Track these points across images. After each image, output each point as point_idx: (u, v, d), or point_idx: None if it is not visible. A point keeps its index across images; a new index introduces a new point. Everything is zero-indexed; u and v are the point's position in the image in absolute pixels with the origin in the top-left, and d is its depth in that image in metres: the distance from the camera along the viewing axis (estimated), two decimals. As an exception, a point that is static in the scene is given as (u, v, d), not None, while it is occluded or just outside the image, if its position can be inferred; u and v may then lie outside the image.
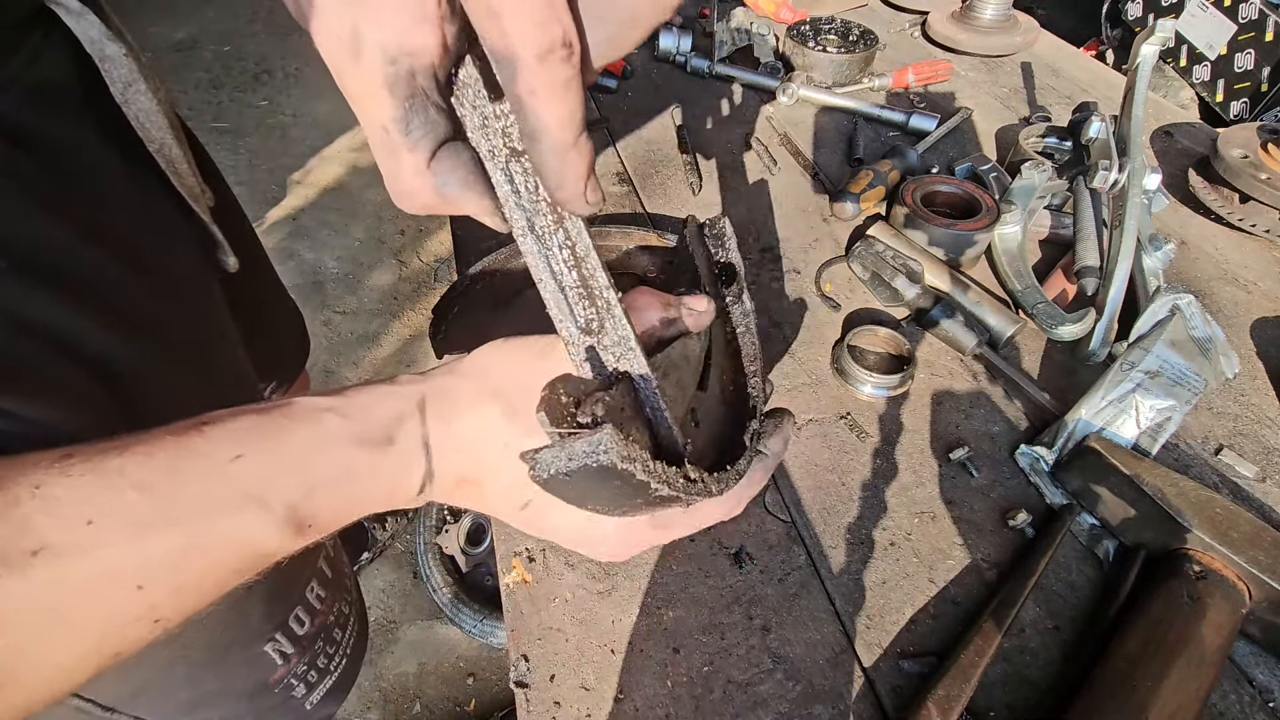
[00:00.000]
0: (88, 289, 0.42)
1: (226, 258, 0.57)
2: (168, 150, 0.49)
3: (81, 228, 0.43)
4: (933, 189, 0.75)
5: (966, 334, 0.63)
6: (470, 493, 0.33)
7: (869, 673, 0.45)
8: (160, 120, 0.48)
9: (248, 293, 0.64)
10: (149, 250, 0.49)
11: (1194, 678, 0.41)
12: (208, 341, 0.56)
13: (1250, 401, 0.62)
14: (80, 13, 0.43)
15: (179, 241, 0.53)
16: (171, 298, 0.51)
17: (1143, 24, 2.03)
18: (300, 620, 0.60)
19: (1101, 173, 0.68)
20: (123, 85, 0.46)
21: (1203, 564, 0.46)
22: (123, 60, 0.45)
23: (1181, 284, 0.73)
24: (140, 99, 0.47)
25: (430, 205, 0.29)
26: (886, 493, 0.54)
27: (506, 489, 0.33)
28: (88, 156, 0.45)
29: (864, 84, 1.01)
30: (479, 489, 0.33)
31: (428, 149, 0.27)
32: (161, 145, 0.49)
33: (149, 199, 0.50)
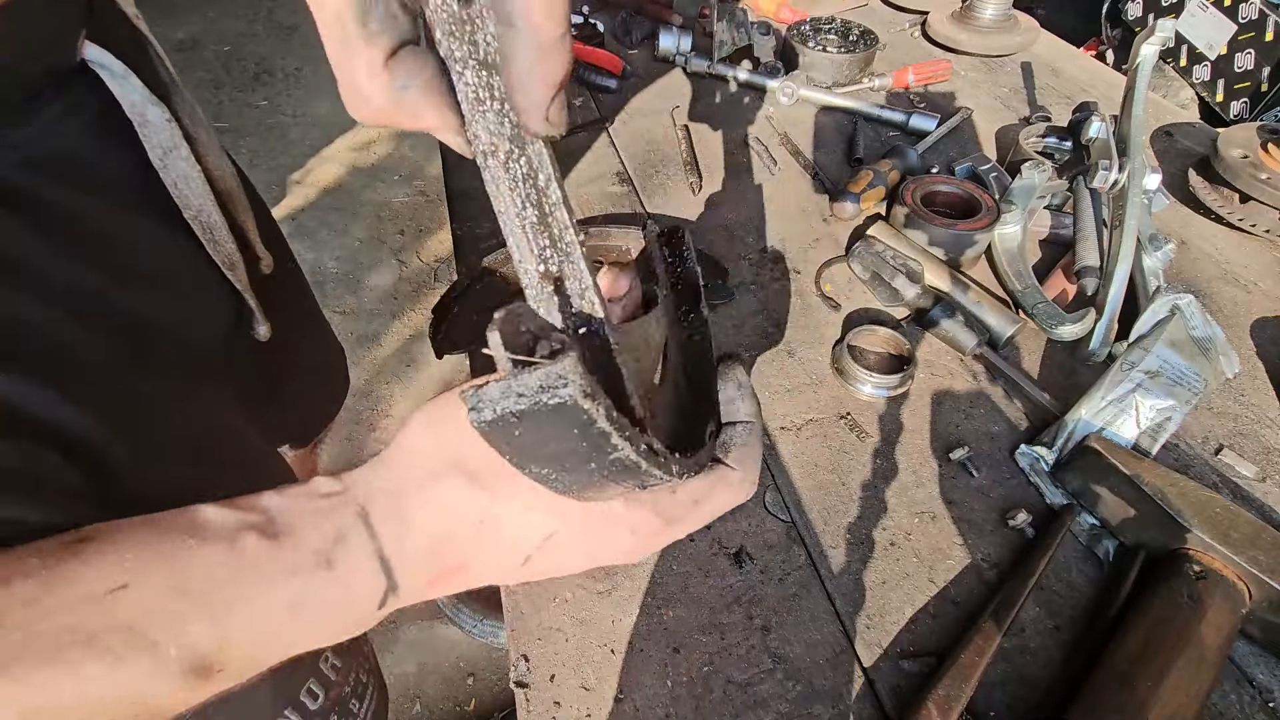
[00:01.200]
0: (73, 371, 0.39)
1: (259, 327, 0.55)
2: (205, 217, 0.47)
3: (82, 308, 0.40)
4: (933, 189, 0.75)
5: (966, 334, 0.63)
6: (451, 581, 0.30)
7: (869, 673, 0.45)
8: (200, 186, 0.46)
9: (292, 351, 0.60)
10: (163, 323, 0.46)
11: (1194, 678, 0.41)
12: (212, 424, 0.51)
13: (1250, 401, 0.62)
14: (123, 75, 0.41)
15: (205, 310, 0.50)
16: (179, 378, 0.47)
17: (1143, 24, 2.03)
18: (313, 694, 0.56)
19: (1101, 173, 0.68)
20: (161, 151, 0.44)
21: (1203, 564, 0.46)
22: (164, 125, 0.43)
23: (1181, 284, 0.73)
24: (180, 165, 0.44)
25: (386, 113, 0.26)
26: (886, 493, 0.54)
27: (499, 558, 0.29)
28: (105, 229, 0.42)
29: (864, 84, 1.01)
30: (462, 574, 0.30)
31: (386, 46, 0.25)
32: (199, 212, 0.46)
33: (177, 266, 0.47)
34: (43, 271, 0.38)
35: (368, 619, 0.28)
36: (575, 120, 0.93)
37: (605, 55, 1.00)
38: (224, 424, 0.52)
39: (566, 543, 0.29)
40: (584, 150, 0.88)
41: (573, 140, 0.90)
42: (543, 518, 0.29)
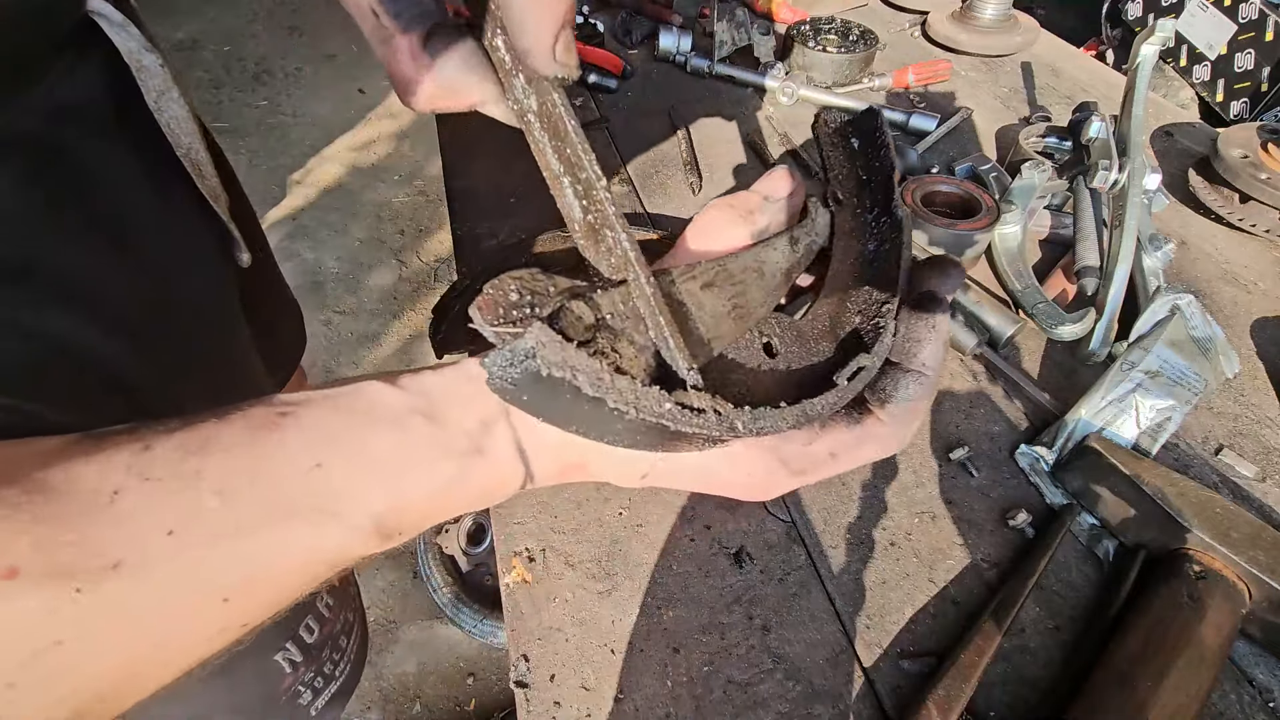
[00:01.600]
0: (107, 305, 0.43)
1: (241, 254, 0.58)
2: (194, 154, 0.50)
3: (103, 243, 0.43)
4: (933, 189, 0.75)
5: (966, 334, 0.63)
6: (575, 474, 0.32)
7: (869, 673, 0.45)
8: (191, 126, 0.49)
9: (257, 288, 0.65)
10: (169, 258, 0.50)
11: (1194, 678, 0.41)
12: (222, 350, 0.56)
13: (1250, 401, 0.62)
14: (122, 24, 0.44)
15: (197, 244, 0.54)
16: (189, 306, 0.51)
17: (1143, 24, 2.03)
18: (310, 629, 0.61)
19: (1101, 173, 0.68)
20: (156, 94, 0.47)
21: (1203, 564, 0.46)
22: (158, 70, 0.46)
23: (1181, 284, 0.73)
24: (172, 106, 0.48)
25: (435, 97, 0.30)
26: (886, 493, 0.54)
27: (617, 466, 0.31)
28: (113, 169, 0.46)
29: (864, 84, 1.01)
30: (582, 469, 0.32)
31: (419, 29, 0.28)
32: (189, 149, 0.50)
33: (169, 204, 0.51)
34: (76, 216, 0.42)
35: (507, 496, 0.31)
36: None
37: (605, 55, 1.00)
38: (231, 350, 0.57)
39: (680, 468, 0.31)
40: (584, 150, 0.88)
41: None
42: None
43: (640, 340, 0.25)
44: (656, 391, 0.23)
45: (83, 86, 0.43)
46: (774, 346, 0.29)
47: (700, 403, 0.23)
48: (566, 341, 0.21)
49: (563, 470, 0.31)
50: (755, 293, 0.29)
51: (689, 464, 0.31)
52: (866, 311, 0.29)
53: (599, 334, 0.24)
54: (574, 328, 0.23)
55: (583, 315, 0.24)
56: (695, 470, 0.31)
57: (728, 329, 0.28)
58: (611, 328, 0.24)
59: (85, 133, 0.43)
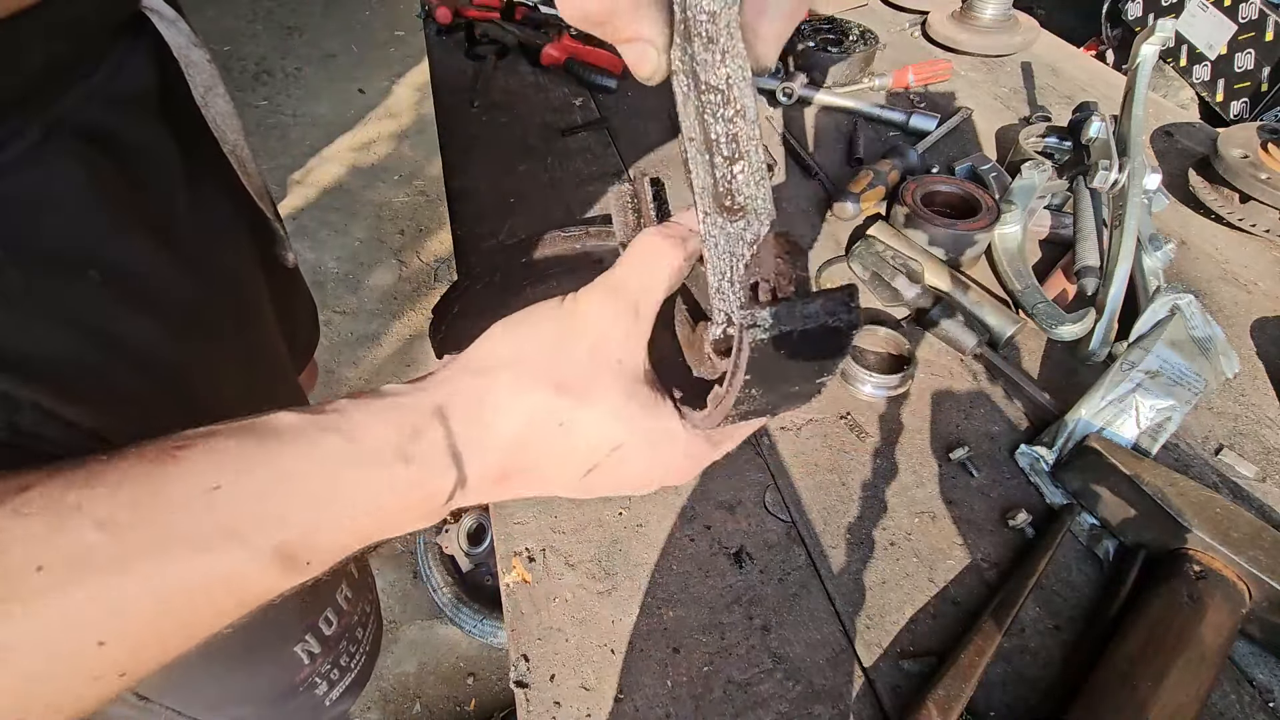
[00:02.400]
0: (159, 301, 0.43)
1: (286, 253, 0.59)
2: (240, 150, 0.51)
3: (154, 234, 0.44)
4: (933, 189, 0.75)
5: (966, 334, 0.63)
6: (515, 483, 0.31)
7: (869, 673, 0.44)
8: (236, 122, 0.50)
9: (280, 282, 0.66)
10: (210, 250, 0.50)
11: (1194, 678, 0.41)
12: (259, 344, 0.57)
13: (1250, 401, 0.62)
14: (174, 20, 0.44)
15: (237, 239, 0.55)
16: (228, 296, 0.52)
17: (1143, 24, 2.03)
18: (329, 620, 0.61)
19: (1101, 173, 0.68)
20: (204, 89, 0.47)
21: (1203, 564, 0.46)
22: (206, 65, 0.47)
23: (1181, 284, 0.73)
24: (219, 101, 0.48)
25: (598, 15, 0.26)
26: (886, 493, 0.54)
27: (566, 464, 0.31)
28: (161, 160, 0.46)
29: (864, 84, 1.01)
30: (527, 476, 0.31)
31: None
32: (235, 146, 0.50)
33: (214, 199, 0.51)
34: (129, 209, 0.42)
35: (437, 512, 0.30)
36: (575, 120, 0.93)
37: (605, 55, 1.00)
38: (265, 344, 0.58)
39: (631, 456, 0.31)
40: (584, 150, 0.88)
41: (572, 140, 0.89)
42: (616, 428, 0.31)
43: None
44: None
45: (135, 76, 0.43)
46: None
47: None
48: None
49: (503, 475, 0.31)
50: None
51: (630, 461, 0.32)
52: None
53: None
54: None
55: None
56: (636, 468, 0.33)
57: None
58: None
59: (137, 123, 0.43)
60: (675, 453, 0.33)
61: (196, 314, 0.47)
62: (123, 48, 0.43)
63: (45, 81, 0.37)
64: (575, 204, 0.80)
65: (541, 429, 0.30)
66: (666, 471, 0.34)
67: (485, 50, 1.02)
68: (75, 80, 0.39)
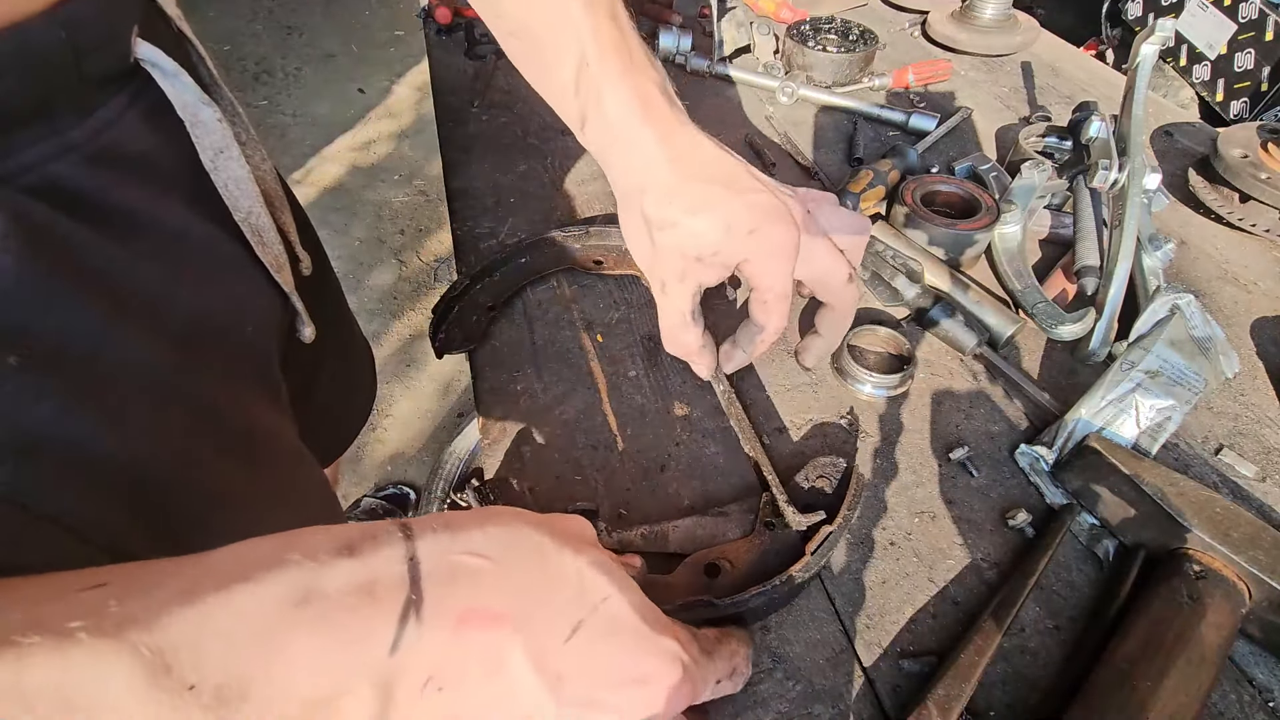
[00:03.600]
0: (123, 380, 0.38)
1: (304, 328, 0.55)
2: (255, 219, 0.47)
3: (136, 309, 0.39)
4: (933, 189, 0.75)
5: (966, 334, 0.63)
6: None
7: (869, 672, 0.45)
8: (250, 188, 0.46)
9: (325, 357, 0.60)
10: (218, 327, 0.45)
11: (1194, 678, 0.41)
12: (261, 424, 0.50)
13: (1250, 401, 0.62)
14: (174, 74, 0.40)
15: (257, 311, 0.50)
16: (231, 377, 0.46)
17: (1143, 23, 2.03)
18: None
19: (1101, 172, 0.68)
20: (213, 152, 0.43)
21: (1203, 564, 0.46)
22: (216, 125, 0.43)
23: (1181, 284, 0.73)
24: (231, 165, 0.44)
25: (689, 350, 0.49)
26: (886, 493, 0.54)
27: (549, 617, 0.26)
28: (165, 227, 0.42)
29: (864, 84, 1.01)
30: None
31: (700, 326, 0.48)
32: (249, 214, 0.46)
33: (230, 266, 0.47)
34: (99, 273, 0.36)
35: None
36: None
37: (605, 55, 1.00)
38: (266, 425, 0.51)
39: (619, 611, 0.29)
40: (584, 150, 0.88)
41: (573, 139, 0.89)
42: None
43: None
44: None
45: (128, 135, 0.39)
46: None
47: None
48: None
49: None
50: None
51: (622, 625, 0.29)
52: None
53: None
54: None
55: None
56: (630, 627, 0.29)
57: None
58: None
59: (134, 184, 0.39)
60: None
61: (170, 398, 0.41)
62: (115, 103, 0.39)
63: None
64: (575, 204, 0.80)
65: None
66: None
67: (485, 50, 1.02)
68: (40, 133, 0.34)
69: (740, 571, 0.46)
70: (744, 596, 0.42)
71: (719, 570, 0.46)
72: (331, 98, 2.95)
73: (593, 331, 0.65)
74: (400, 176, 2.64)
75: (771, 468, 0.51)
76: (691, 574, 0.46)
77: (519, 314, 0.66)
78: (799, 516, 0.47)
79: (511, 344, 0.63)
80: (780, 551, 0.47)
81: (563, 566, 0.26)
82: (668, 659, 0.29)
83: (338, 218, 2.46)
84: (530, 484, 0.53)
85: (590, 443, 0.56)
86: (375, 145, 2.77)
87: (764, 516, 0.49)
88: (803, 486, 0.51)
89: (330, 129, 2.81)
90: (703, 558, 0.46)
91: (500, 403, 0.58)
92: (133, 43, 0.39)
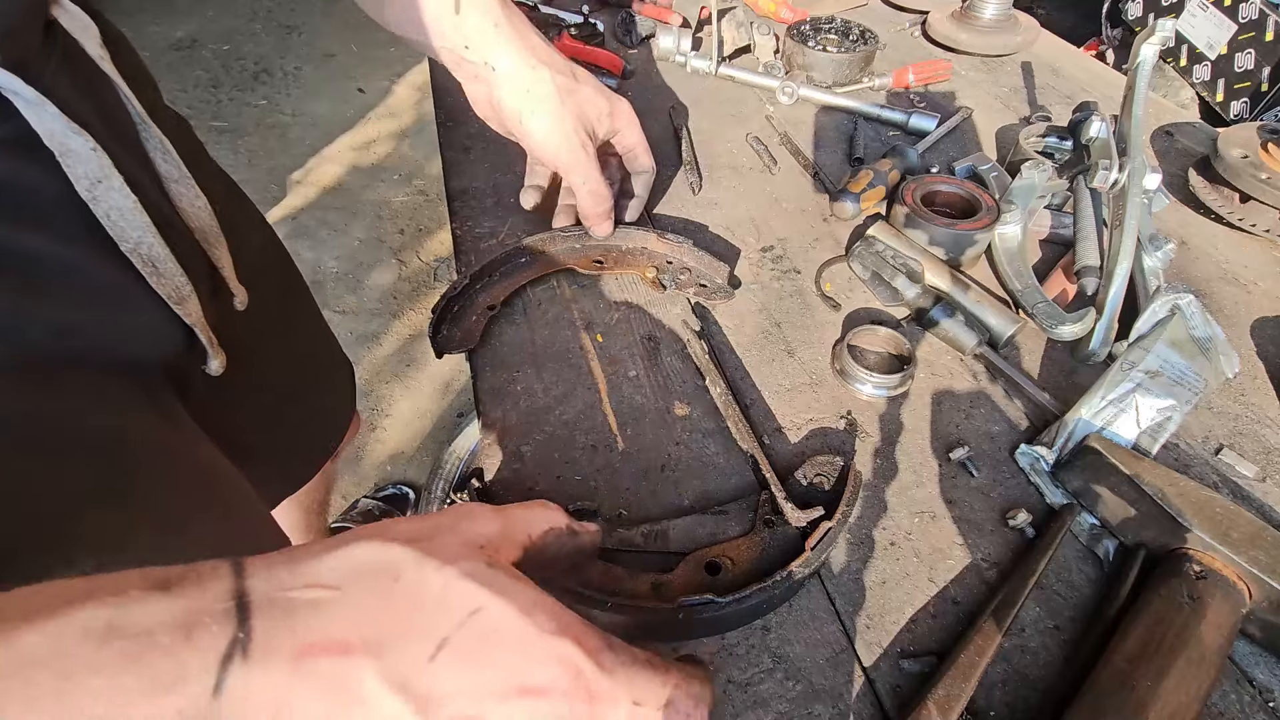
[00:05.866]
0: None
1: (211, 361, 0.53)
2: (146, 249, 0.45)
3: (10, 355, 0.38)
4: (933, 188, 0.75)
5: (966, 334, 0.63)
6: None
7: (869, 672, 0.45)
8: (138, 219, 0.43)
9: (224, 394, 0.59)
10: (91, 338, 0.44)
11: (1194, 677, 0.41)
12: (152, 443, 0.49)
13: (1250, 401, 0.62)
14: (36, 103, 0.37)
15: (148, 334, 0.48)
16: (101, 398, 0.45)
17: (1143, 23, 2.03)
18: None
19: (1101, 172, 0.68)
20: (89, 181, 0.41)
21: (1203, 564, 0.46)
22: (89, 155, 0.40)
23: (1182, 284, 0.73)
24: (112, 196, 0.42)
25: (604, 192, 0.65)
26: (886, 493, 0.54)
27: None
28: (26, 247, 0.40)
29: (864, 84, 1.01)
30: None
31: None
32: (138, 244, 0.44)
33: (116, 294, 0.45)
34: None
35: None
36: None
37: (605, 55, 1.00)
38: (156, 442, 0.49)
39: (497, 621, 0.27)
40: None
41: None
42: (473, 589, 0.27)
43: None
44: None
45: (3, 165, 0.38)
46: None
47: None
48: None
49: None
50: None
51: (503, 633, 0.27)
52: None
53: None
54: None
55: None
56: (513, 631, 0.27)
57: None
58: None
59: (4, 219, 0.38)
60: (553, 611, 0.27)
61: (16, 414, 0.40)
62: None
63: None
64: (575, 204, 0.80)
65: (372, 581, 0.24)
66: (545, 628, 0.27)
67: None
68: None
69: (741, 569, 0.46)
70: (745, 594, 0.42)
71: (719, 568, 0.46)
72: (331, 97, 2.95)
73: (593, 331, 0.65)
74: (400, 176, 2.64)
75: (770, 466, 0.51)
76: (692, 572, 0.46)
77: (519, 314, 0.66)
78: (798, 513, 0.47)
79: (511, 344, 0.63)
80: (780, 548, 0.47)
81: (423, 584, 0.25)
82: (555, 664, 0.26)
83: (338, 218, 2.45)
84: (530, 484, 0.53)
85: (590, 443, 0.56)
86: (375, 145, 2.77)
87: (763, 514, 0.49)
88: (801, 484, 0.51)
89: (330, 129, 2.81)
90: (703, 556, 0.47)
91: (500, 403, 0.58)
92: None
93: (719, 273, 0.68)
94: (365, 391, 1.94)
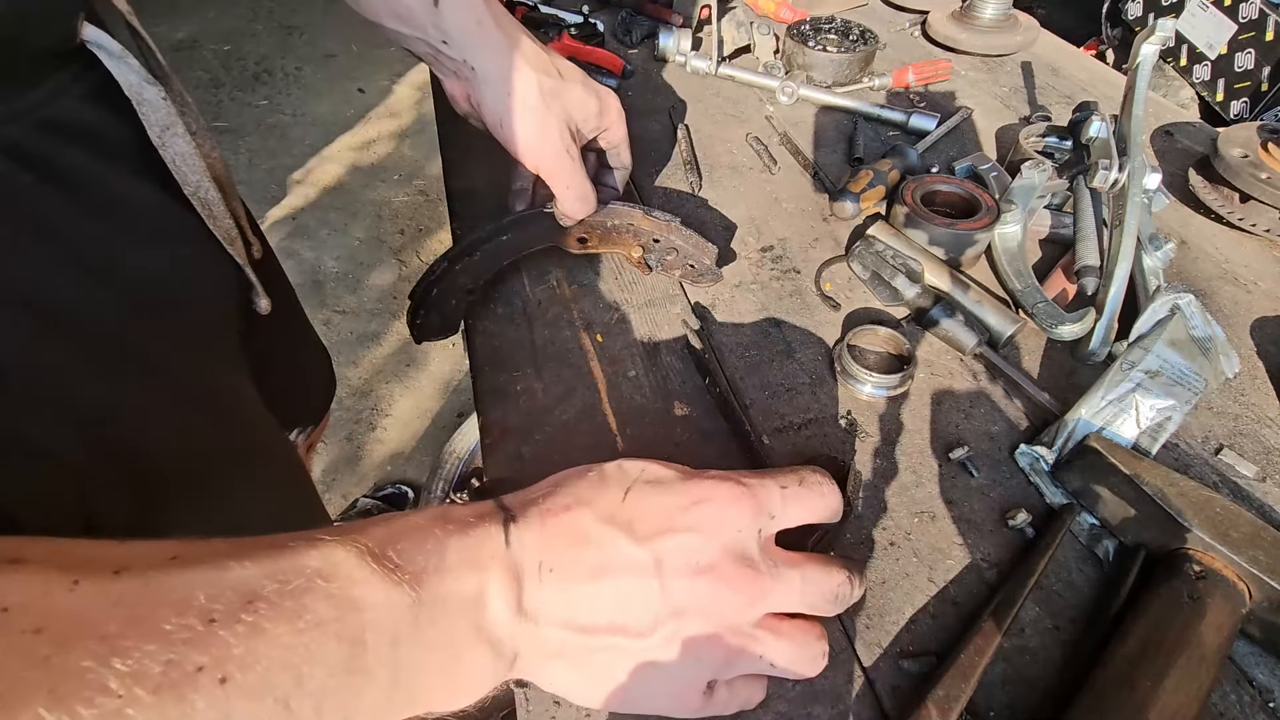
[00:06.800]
0: (70, 327, 0.42)
1: (259, 300, 0.59)
2: (203, 193, 0.50)
3: (90, 263, 0.43)
4: (933, 188, 0.75)
5: (966, 334, 0.63)
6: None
7: (869, 672, 0.44)
8: (197, 164, 0.49)
9: (277, 336, 0.64)
10: (169, 289, 0.49)
11: (1194, 678, 0.41)
12: (219, 383, 0.56)
13: (1250, 401, 0.62)
14: (120, 56, 0.43)
15: (209, 276, 0.54)
16: (185, 338, 0.51)
17: (1143, 23, 2.03)
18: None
19: (1101, 172, 0.68)
20: (160, 129, 0.46)
21: (1203, 564, 0.46)
22: (161, 104, 0.46)
23: (1181, 283, 0.73)
24: (177, 142, 0.47)
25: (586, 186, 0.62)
26: (886, 493, 0.54)
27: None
28: (113, 191, 0.45)
29: (864, 83, 1.01)
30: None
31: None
32: (198, 188, 0.50)
33: (181, 233, 0.51)
34: (56, 228, 0.41)
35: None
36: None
37: (605, 55, 1.00)
38: (226, 385, 0.57)
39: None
40: (584, 150, 0.88)
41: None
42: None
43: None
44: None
45: (74, 107, 0.43)
46: None
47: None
48: None
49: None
50: None
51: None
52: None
53: None
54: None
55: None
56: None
57: None
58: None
59: (81, 150, 0.42)
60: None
61: (127, 351, 0.45)
62: (64, 77, 0.42)
63: None
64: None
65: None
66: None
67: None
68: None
69: None
70: None
71: None
72: (331, 97, 2.95)
73: (593, 331, 0.65)
74: (400, 176, 2.65)
75: (769, 466, 0.51)
76: None
77: (519, 314, 0.66)
78: None
79: (511, 344, 0.63)
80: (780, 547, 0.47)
81: (604, 470, 0.37)
82: (715, 479, 0.37)
83: (338, 217, 2.46)
84: (530, 484, 0.53)
85: (590, 443, 0.56)
86: (375, 145, 2.77)
87: None
88: None
89: (330, 129, 2.81)
90: None
91: (500, 403, 0.58)
92: (80, 25, 0.42)
93: (707, 253, 0.67)
94: (365, 391, 1.94)
